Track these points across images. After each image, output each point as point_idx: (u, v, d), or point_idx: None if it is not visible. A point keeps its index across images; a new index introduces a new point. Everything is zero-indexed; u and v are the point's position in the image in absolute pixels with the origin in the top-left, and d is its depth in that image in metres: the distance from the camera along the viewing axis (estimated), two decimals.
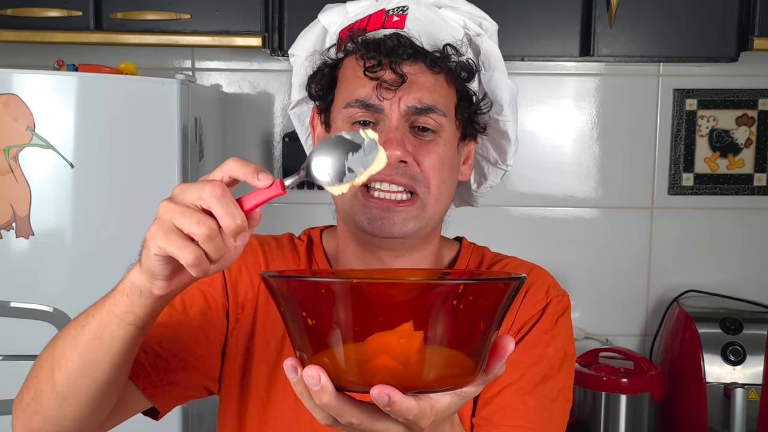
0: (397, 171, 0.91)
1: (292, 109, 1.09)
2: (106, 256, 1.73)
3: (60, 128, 1.69)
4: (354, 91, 0.93)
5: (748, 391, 1.99)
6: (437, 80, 0.94)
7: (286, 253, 1.05)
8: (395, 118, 0.92)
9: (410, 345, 0.61)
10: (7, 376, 1.75)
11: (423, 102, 0.92)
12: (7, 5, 1.97)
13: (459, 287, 0.62)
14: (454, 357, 0.63)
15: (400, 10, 0.95)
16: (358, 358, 0.61)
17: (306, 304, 0.63)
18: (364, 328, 0.61)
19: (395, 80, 0.91)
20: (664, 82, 2.33)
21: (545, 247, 2.35)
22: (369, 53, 0.92)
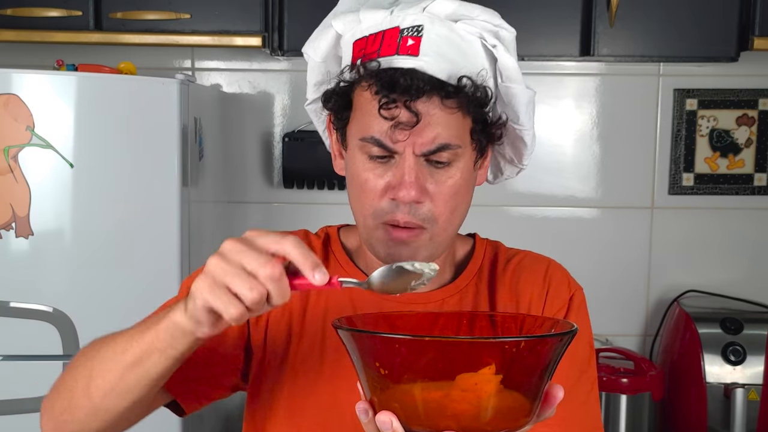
0: (410, 211, 0.92)
1: (309, 105, 1.08)
2: (106, 256, 1.73)
3: (60, 128, 1.69)
4: (369, 126, 0.92)
5: (748, 391, 1.99)
6: (452, 113, 0.92)
7: None
8: (410, 158, 0.91)
9: (482, 390, 0.67)
10: (7, 376, 1.75)
11: (437, 142, 0.91)
12: (7, 5, 1.97)
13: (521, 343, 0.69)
14: (518, 401, 0.69)
15: (414, 32, 0.93)
16: (427, 404, 0.67)
17: (379, 356, 0.69)
18: (434, 375, 0.67)
19: (410, 120, 0.90)
20: (665, 82, 2.33)
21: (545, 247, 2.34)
22: (383, 90, 0.90)
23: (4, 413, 1.74)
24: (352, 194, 0.98)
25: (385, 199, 0.93)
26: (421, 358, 0.67)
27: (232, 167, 2.31)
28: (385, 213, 0.93)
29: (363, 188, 0.94)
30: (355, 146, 0.95)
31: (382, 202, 0.93)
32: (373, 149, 0.92)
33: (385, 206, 0.93)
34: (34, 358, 1.74)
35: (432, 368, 0.67)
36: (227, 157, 2.27)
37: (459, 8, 0.94)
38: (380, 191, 0.93)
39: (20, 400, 1.73)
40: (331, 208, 1.12)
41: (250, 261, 0.74)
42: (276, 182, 2.36)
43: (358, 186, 0.95)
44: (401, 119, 0.90)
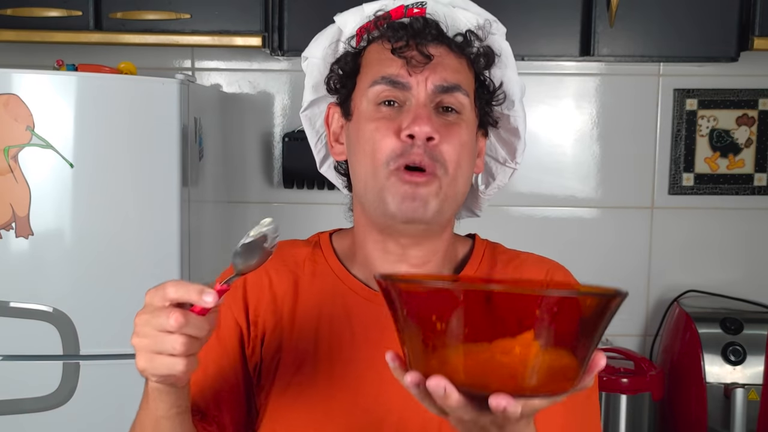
0: (425, 150, 0.93)
1: (304, 112, 1.09)
2: (106, 256, 1.73)
3: (60, 128, 1.69)
4: (381, 69, 0.96)
5: (748, 391, 1.99)
6: (461, 63, 0.97)
7: (287, 258, 1.05)
8: (423, 96, 0.94)
9: (527, 353, 0.66)
10: (7, 376, 1.75)
11: (449, 81, 0.95)
12: (7, 5, 1.97)
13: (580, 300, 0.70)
14: (564, 364, 0.69)
15: (418, 5, 0.99)
16: (475, 363, 0.67)
17: (437, 310, 0.68)
18: (484, 333, 0.67)
19: (422, 59, 0.94)
20: (665, 82, 2.33)
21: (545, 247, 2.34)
22: (397, 33, 0.95)
23: (4, 413, 1.74)
24: (360, 153, 0.97)
25: (398, 141, 0.93)
26: (474, 311, 0.66)
27: (232, 167, 2.31)
28: (398, 156, 0.93)
29: (374, 137, 0.94)
30: (363, 101, 0.97)
31: (395, 144, 0.94)
32: (384, 91, 0.95)
33: (398, 148, 0.93)
34: (34, 358, 1.74)
35: (481, 325, 0.67)
36: (227, 157, 2.27)
37: (459, 1, 1.01)
38: (393, 133, 0.94)
39: (20, 400, 1.73)
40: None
41: (158, 323, 0.80)
42: (276, 182, 2.36)
43: (369, 137, 0.95)
44: (417, 59, 0.94)
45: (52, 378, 1.74)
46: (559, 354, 0.68)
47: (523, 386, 0.67)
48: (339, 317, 1.00)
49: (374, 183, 0.95)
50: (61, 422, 1.74)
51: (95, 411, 1.76)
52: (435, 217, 0.96)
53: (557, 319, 0.66)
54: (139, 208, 1.74)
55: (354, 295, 1.01)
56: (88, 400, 1.75)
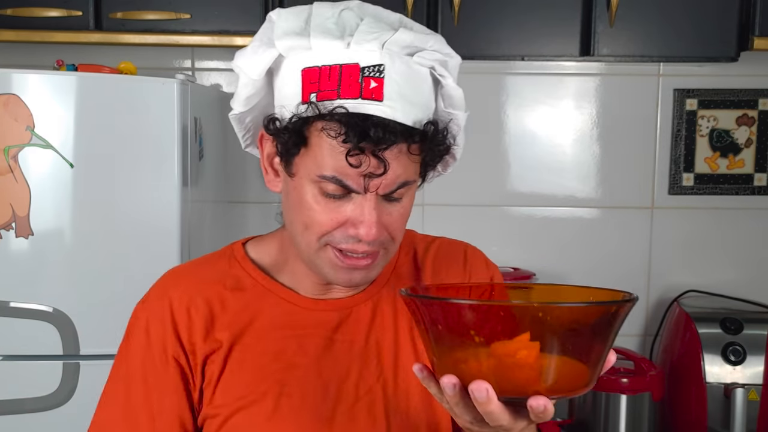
0: (370, 245, 0.92)
1: (234, 114, 1.02)
2: (106, 255, 1.73)
3: (60, 128, 1.69)
4: (330, 166, 0.89)
5: (748, 391, 1.99)
6: (412, 155, 0.92)
7: (204, 277, 1.03)
8: (372, 200, 0.91)
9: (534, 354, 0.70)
10: (7, 376, 1.75)
11: (398, 182, 0.91)
12: (7, 5, 1.97)
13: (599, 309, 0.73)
14: (578, 368, 0.72)
15: (376, 72, 0.89)
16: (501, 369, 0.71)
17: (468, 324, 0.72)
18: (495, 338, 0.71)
19: (378, 169, 0.88)
20: (664, 82, 2.33)
21: (545, 247, 2.35)
22: (353, 139, 0.87)
23: (4, 413, 1.74)
24: (294, 216, 0.95)
25: (339, 230, 0.92)
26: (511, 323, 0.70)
27: (232, 167, 2.31)
28: (337, 241, 0.93)
29: (312, 218, 0.93)
30: (306, 179, 0.92)
31: (335, 232, 0.92)
32: (332, 187, 0.90)
33: (338, 236, 0.92)
34: (34, 358, 1.74)
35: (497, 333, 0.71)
36: (227, 157, 2.27)
37: (414, 40, 0.91)
38: (335, 224, 0.92)
39: (20, 400, 1.73)
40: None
41: None
42: None
43: (306, 213, 0.93)
44: (371, 168, 0.88)
45: (52, 378, 1.74)
46: (571, 360, 0.71)
47: (539, 387, 0.71)
48: (275, 326, 1.00)
49: (306, 249, 0.96)
50: (61, 422, 1.74)
51: None
52: (374, 279, 0.99)
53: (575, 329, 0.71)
54: (139, 208, 1.74)
55: (286, 303, 1.02)
56: (88, 400, 1.74)
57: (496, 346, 0.71)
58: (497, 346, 0.71)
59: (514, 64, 2.30)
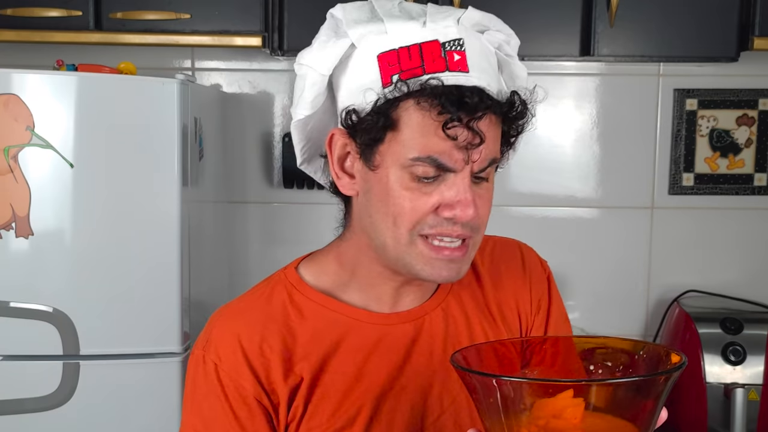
0: (463, 226, 0.90)
1: (297, 120, 0.97)
2: (106, 256, 1.73)
3: (60, 128, 1.69)
4: (426, 145, 0.87)
5: (748, 392, 1.99)
6: (498, 128, 0.91)
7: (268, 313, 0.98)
8: (467, 178, 0.89)
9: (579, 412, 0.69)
10: (7, 376, 1.75)
11: (488, 159, 0.90)
12: (7, 5, 1.97)
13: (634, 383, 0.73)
14: (627, 428, 0.71)
15: (457, 45, 0.89)
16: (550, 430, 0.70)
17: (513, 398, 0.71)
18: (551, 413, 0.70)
19: (474, 140, 0.87)
20: (665, 82, 2.33)
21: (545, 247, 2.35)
22: (450, 108, 0.85)
23: (4, 413, 1.74)
24: (379, 213, 0.91)
25: (432, 216, 0.89)
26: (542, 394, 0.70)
27: (232, 167, 2.31)
28: (429, 227, 0.89)
29: (403, 206, 0.89)
30: (395, 166, 0.89)
31: (428, 219, 0.89)
32: (426, 169, 0.88)
33: (431, 221, 0.89)
34: (34, 358, 1.74)
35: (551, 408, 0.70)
36: (227, 157, 2.27)
37: (482, 18, 0.92)
38: (429, 208, 0.89)
39: (20, 400, 1.73)
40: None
41: None
42: (276, 182, 2.36)
43: (395, 204, 0.89)
44: (468, 139, 0.86)
45: (52, 378, 1.74)
46: (619, 420, 0.71)
47: None
48: (352, 350, 0.96)
49: (396, 245, 0.92)
50: (61, 422, 1.74)
51: (95, 411, 1.76)
52: (465, 274, 0.95)
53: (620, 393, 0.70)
54: (139, 208, 1.74)
55: (359, 323, 0.97)
56: (88, 400, 1.75)
57: (540, 405, 0.68)
58: (541, 405, 0.68)
59: None
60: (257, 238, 2.35)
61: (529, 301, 1.06)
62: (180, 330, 1.77)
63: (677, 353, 0.74)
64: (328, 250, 1.03)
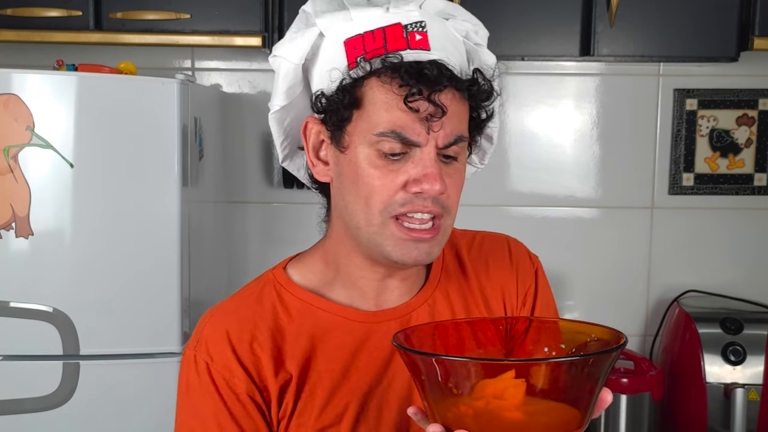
0: (434, 201, 0.91)
1: (274, 113, 1.01)
2: (106, 256, 1.73)
3: (60, 128, 1.69)
4: (390, 120, 0.89)
5: (748, 391, 1.99)
6: (464, 106, 0.93)
7: (257, 311, 1.00)
8: (433, 153, 0.90)
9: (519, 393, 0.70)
10: (7, 376, 1.75)
11: (455, 134, 0.91)
12: (7, 5, 1.97)
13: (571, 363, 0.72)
14: (567, 410, 0.72)
15: (419, 27, 0.92)
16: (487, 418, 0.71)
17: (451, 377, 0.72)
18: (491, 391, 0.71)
19: (436, 112, 0.89)
20: (665, 82, 2.33)
21: (545, 247, 2.35)
22: (409, 81, 0.88)
23: (4, 413, 1.74)
24: (353, 195, 0.93)
25: (403, 193, 0.91)
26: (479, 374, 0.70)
27: (232, 167, 2.31)
28: (399, 206, 0.91)
29: (373, 185, 0.91)
30: (362, 144, 0.91)
31: (397, 197, 0.91)
32: (392, 144, 0.90)
33: (400, 199, 0.91)
34: (34, 358, 1.74)
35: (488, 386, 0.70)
36: (227, 157, 2.27)
37: (446, 7, 0.96)
38: (397, 186, 0.90)
39: (20, 400, 1.73)
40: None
41: None
42: (276, 182, 2.36)
43: (365, 184, 0.91)
44: (429, 111, 0.88)
45: (52, 378, 1.74)
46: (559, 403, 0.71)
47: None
48: (339, 347, 0.98)
49: (368, 228, 0.93)
50: (61, 422, 1.74)
51: (95, 411, 1.76)
52: (435, 257, 0.97)
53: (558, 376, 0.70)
54: (139, 208, 1.75)
55: (346, 321, 0.99)
56: (88, 400, 1.75)
57: (482, 385, 0.69)
58: (484, 385, 0.69)
59: (514, 64, 2.29)
60: (257, 238, 2.35)
61: (515, 294, 1.06)
62: (180, 330, 1.78)
63: (622, 336, 0.74)
64: (314, 249, 1.06)
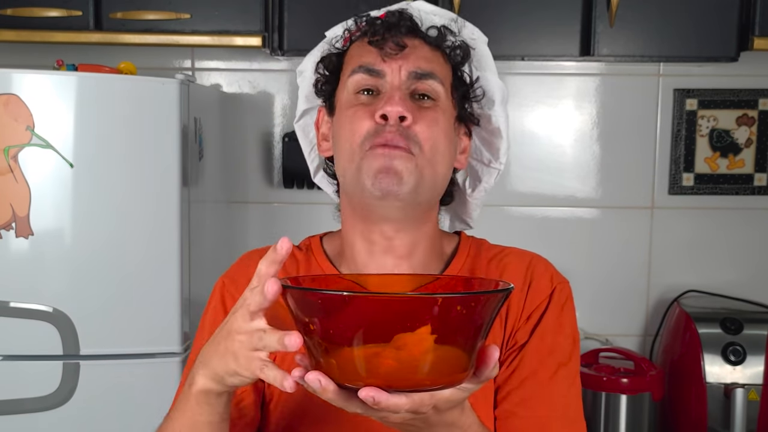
0: (398, 129, 0.96)
1: (298, 122, 1.14)
2: (106, 256, 1.73)
3: (60, 128, 1.69)
4: (358, 60, 1.01)
5: (748, 391, 1.99)
6: (435, 54, 1.02)
7: (289, 268, 1.08)
8: (397, 81, 0.98)
9: (416, 348, 0.68)
10: (7, 376, 1.75)
11: (422, 68, 0.99)
12: (7, 5, 1.97)
13: (440, 300, 0.69)
14: (448, 355, 0.70)
15: (402, 5, 1.05)
16: (363, 362, 0.69)
17: (319, 314, 0.70)
18: (374, 336, 0.68)
19: (396, 48, 0.99)
20: (665, 82, 2.33)
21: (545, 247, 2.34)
22: (373, 28, 1.01)
23: (4, 413, 1.74)
24: (340, 139, 1.01)
25: (373, 123, 0.97)
26: (361, 316, 0.68)
27: (232, 167, 2.31)
28: (371, 136, 0.97)
29: (352, 120, 0.98)
30: (343, 93, 1.01)
31: (370, 126, 0.97)
32: (362, 80, 0.99)
33: (372, 129, 0.97)
34: (34, 358, 1.74)
35: (371, 328, 0.68)
36: (227, 157, 2.27)
37: (438, 10, 1.07)
38: (369, 116, 0.97)
39: (20, 400, 1.73)
40: (330, 209, 1.12)
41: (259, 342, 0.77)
42: (276, 182, 2.36)
43: (348, 128, 0.99)
44: (391, 47, 0.99)
45: (52, 378, 1.74)
46: (446, 349, 0.69)
47: (415, 380, 0.69)
48: None
49: (351, 164, 0.99)
50: (61, 422, 1.74)
51: (95, 411, 1.76)
52: (411, 194, 0.97)
53: (441, 317, 0.68)
54: (139, 208, 1.74)
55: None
56: (88, 400, 1.75)
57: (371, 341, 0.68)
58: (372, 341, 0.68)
59: (514, 64, 2.29)
60: (257, 238, 2.35)
61: (520, 308, 1.05)
62: (180, 330, 1.77)
63: (507, 284, 0.74)
64: (340, 230, 1.11)
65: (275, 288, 0.72)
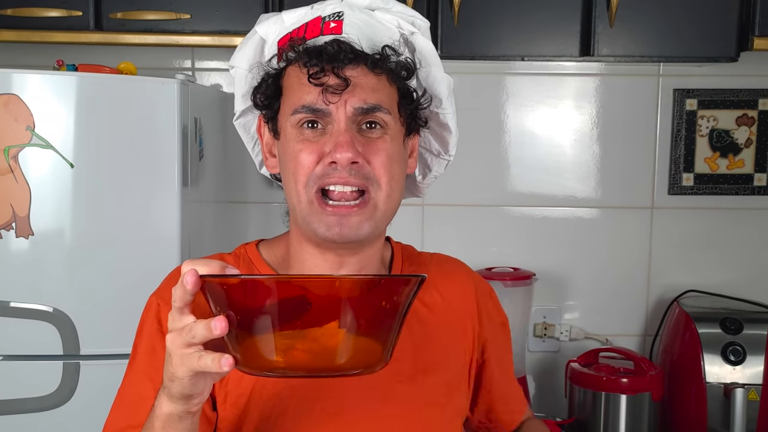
0: (350, 172, 0.94)
1: (237, 120, 1.11)
2: (106, 256, 1.73)
3: (60, 128, 1.69)
4: (300, 98, 0.96)
5: (748, 391, 1.99)
6: (379, 81, 0.97)
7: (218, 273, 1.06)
8: (343, 120, 0.95)
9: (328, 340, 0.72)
10: (7, 376, 1.75)
11: (368, 102, 0.95)
12: (7, 5, 1.97)
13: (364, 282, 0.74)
14: (369, 346, 0.73)
15: (335, 17, 0.98)
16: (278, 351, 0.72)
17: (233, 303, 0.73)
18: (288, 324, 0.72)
19: (339, 84, 0.94)
20: (664, 82, 2.33)
21: (545, 247, 2.35)
22: (311, 60, 0.94)
23: (4, 413, 1.74)
24: (286, 174, 0.99)
25: (320, 166, 0.95)
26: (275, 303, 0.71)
27: (232, 167, 2.31)
28: (318, 178, 0.95)
29: (297, 160, 0.96)
30: (287, 124, 0.98)
31: (317, 169, 0.95)
32: (303, 116, 0.96)
33: (319, 171, 0.95)
34: (34, 358, 1.74)
35: (285, 317, 0.71)
36: (227, 157, 2.27)
37: (374, 1, 1.01)
38: (315, 158, 0.95)
39: (20, 400, 1.73)
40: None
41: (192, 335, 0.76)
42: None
43: (292, 160, 0.97)
44: (330, 83, 0.94)
45: (52, 378, 1.74)
46: (363, 339, 0.72)
47: (331, 367, 0.73)
48: None
49: (299, 205, 0.98)
50: (61, 422, 1.74)
51: (95, 411, 1.75)
52: (371, 235, 0.98)
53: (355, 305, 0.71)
54: (139, 208, 1.75)
55: None
56: (88, 400, 1.75)
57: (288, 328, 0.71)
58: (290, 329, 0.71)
59: (514, 64, 2.29)
60: (257, 238, 2.34)
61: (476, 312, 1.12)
62: None
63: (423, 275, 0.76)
64: (282, 236, 1.12)
65: (194, 278, 0.74)
